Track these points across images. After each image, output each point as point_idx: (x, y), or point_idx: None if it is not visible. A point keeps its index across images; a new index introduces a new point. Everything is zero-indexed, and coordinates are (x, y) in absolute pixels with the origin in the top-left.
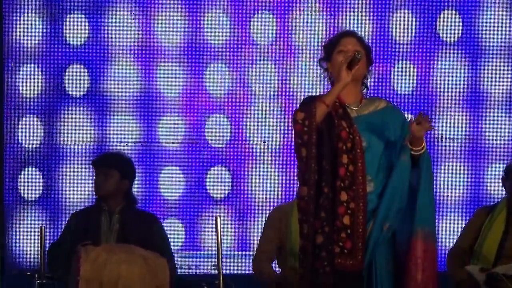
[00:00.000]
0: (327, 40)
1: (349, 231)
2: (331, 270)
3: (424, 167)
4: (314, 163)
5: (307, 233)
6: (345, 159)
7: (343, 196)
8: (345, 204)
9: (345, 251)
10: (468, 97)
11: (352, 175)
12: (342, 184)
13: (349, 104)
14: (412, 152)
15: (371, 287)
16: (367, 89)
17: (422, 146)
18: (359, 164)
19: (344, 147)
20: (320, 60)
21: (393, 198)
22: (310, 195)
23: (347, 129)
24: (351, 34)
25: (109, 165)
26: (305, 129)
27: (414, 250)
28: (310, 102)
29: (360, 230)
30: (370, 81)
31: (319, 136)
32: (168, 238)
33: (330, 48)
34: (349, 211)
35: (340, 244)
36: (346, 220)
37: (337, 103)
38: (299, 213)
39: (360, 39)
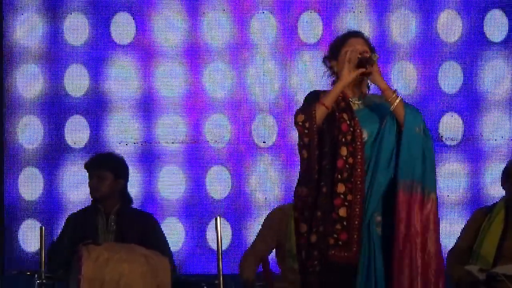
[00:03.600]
0: (334, 39)
1: (345, 223)
2: (321, 269)
3: (405, 128)
4: (316, 164)
5: (303, 232)
6: (344, 151)
7: (340, 188)
8: (342, 196)
9: (340, 242)
10: (468, 97)
11: (351, 167)
12: (339, 176)
13: (352, 98)
14: (391, 108)
15: (370, 280)
16: (368, 89)
17: (393, 94)
18: (359, 157)
19: (343, 139)
20: (324, 58)
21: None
22: (310, 194)
23: (348, 122)
24: (359, 34)
25: (101, 167)
26: (306, 131)
27: (397, 202)
28: (310, 103)
29: (356, 222)
30: (369, 81)
31: (320, 136)
32: (165, 238)
33: (337, 47)
34: (346, 203)
35: (335, 235)
36: (342, 212)
37: (340, 97)
38: (296, 212)
39: (367, 40)
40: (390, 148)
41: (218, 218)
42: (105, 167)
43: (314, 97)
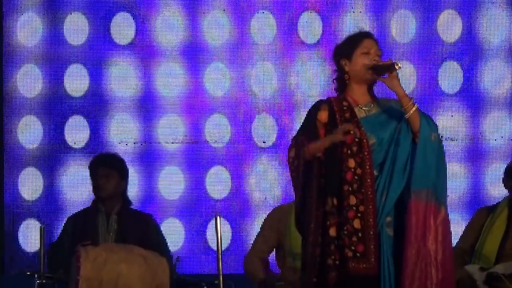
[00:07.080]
0: (344, 39)
1: (360, 234)
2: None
3: (421, 136)
4: (299, 193)
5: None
6: (352, 163)
7: (352, 200)
8: (354, 208)
9: (358, 254)
10: (468, 97)
11: (360, 178)
12: (350, 188)
13: (360, 105)
14: (406, 116)
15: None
16: None
17: (410, 102)
18: (367, 167)
19: (349, 152)
20: (335, 57)
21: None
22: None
23: (353, 133)
24: (372, 36)
25: (109, 166)
26: (293, 168)
27: (409, 212)
28: (307, 126)
29: (371, 232)
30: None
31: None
32: (165, 239)
33: (351, 47)
34: (359, 215)
35: (352, 248)
36: (357, 223)
37: (345, 108)
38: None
39: (377, 41)
40: (405, 155)
41: (218, 218)
42: (113, 166)
43: (315, 110)
